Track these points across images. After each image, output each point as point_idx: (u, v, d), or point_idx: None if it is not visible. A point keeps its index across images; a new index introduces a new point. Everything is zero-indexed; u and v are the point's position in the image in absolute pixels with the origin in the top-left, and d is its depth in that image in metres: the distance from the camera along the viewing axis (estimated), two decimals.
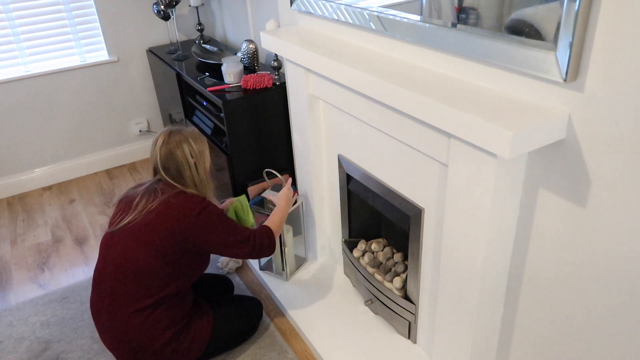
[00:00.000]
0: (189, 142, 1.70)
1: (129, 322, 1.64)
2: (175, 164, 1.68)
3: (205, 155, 1.75)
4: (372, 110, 1.60)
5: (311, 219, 2.29)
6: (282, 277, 2.27)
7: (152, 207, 1.63)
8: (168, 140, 1.69)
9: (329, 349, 1.91)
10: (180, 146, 1.68)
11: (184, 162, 1.68)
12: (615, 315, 1.16)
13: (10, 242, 2.78)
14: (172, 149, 1.68)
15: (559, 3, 1.00)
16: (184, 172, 1.69)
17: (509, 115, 1.10)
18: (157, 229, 1.61)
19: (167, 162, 1.68)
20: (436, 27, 1.31)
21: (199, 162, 1.71)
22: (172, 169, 1.69)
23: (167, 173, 1.69)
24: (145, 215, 1.63)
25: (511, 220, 1.31)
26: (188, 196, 1.66)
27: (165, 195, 1.65)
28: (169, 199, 1.64)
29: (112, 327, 1.66)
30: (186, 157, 1.68)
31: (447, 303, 1.54)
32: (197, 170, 1.71)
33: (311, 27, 1.94)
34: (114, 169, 3.50)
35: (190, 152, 1.69)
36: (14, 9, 2.90)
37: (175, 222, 1.61)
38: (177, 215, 1.61)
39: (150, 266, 1.62)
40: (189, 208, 1.63)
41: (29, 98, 3.09)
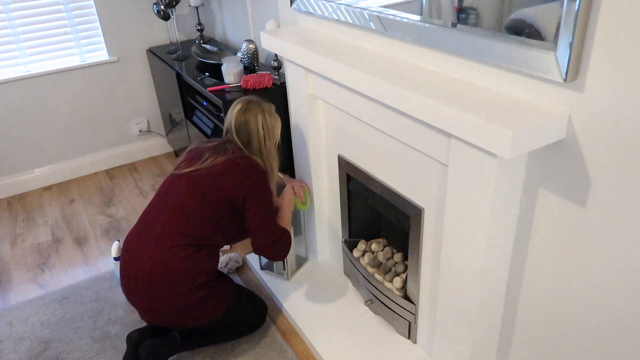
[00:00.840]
0: (264, 115, 1.82)
1: (173, 254, 1.71)
2: (247, 131, 1.80)
3: (275, 131, 1.86)
4: (372, 110, 1.60)
5: (311, 219, 2.29)
6: (283, 277, 2.27)
7: (219, 162, 1.76)
8: (246, 107, 1.81)
9: (329, 349, 1.91)
10: (256, 117, 1.81)
11: (255, 131, 1.80)
12: (615, 315, 1.16)
13: (10, 242, 2.78)
14: (248, 118, 1.80)
15: (559, 3, 1.00)
16: (253, 140, 1.81)
17: (509, 115, 1.10)
18: (217, 182, 1.73)
19: (240, 127, 1.81)
20: (436, 27, 1.31)
21: (268, 136, 1.83)
22: (243, 134, 1.81)
23: (238, 136, 1.81)
24: (211, 167, 1.76)
25: (511, 220, 1.31)
26: (254, 162, 1.79)
27: (233, 155, 1.78)
28: (236, 159, 1.77)
29: (153, 256, 1.71)
30: (258, 127, 1.80)
31: (447, 303, 1.54)
32: (264, 142, 1.83)
33: (311, 27, 1.94)
34: (114, 169, 3.50)
35: (263, 125, 1.81)
36: (14, 9, 2.90)
37: (234, 179, 1.73)
38: (238, 175, 1.74)
39: (202, 214, 1.73)
40: (250, 171, 1.75)
41: (29, 98, 3.09)
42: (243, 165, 1.76)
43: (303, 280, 2.26)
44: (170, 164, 3.50)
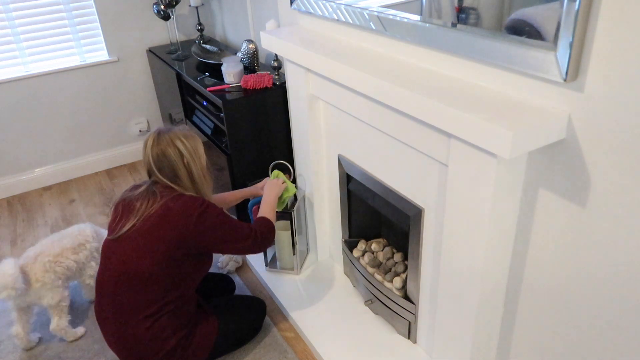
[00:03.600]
0: (180, 140, 1.65)
1: (134, 331, 1.63)
2: (169, 163, 1.64)
3: (199, 151, 1.70)
4: (372, 110, 1.60)
5: (311, 219, 2.29)
6: (292, 272, 2.29)
7: (152, 212, 1.60)
8: (158, 140, 1.64)
9: (329, 349, 1.91)
10: (172, 144, 1.64)
11: (177, 160, 1.64)
12: (615, 315, 1.16)
13: (11, 242, 2.78)
14: (163, 149, 1.63)
15: (559, 3, 1.00)
16: (179, 171, 1.65)
17: (509, 115, 1.10)
18: (157, 235, 1.58)
19: (161, 162, 1.64)
20: (436, 27, 1.31)
21: (193, 159, 1.67)
22: (167, 169, 1.65)
23: (162, 173, 1.65)
24: (145, 220, 1.60)
25: (511, 220, 1.31)
26: (187, 198, 1.62)
27: (165, 199, 1.61)
28: (168, 203, 1.60)
29: (117, 334, 1.66)
30: (179, 155, 1.64)
31: (447, 303, 1.54)
32: (191, 168, 1.67)
33: (311, 27, 1.94)
34: (114, 169, 3.50)
35: (183, 150, 1.65)
36: (14, 9, 2.90)
37: (175, 226, 1.58)
38: (177, 220, 1.58)
39: (152, 273, 1.60)
40: (188, 211, 1.59)
41: (29, 98, 3.09)
42: (177, 208, 1.59)
43: (303, 281, 2.26)
44: None
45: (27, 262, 1.93)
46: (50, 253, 1.96)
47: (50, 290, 1.93)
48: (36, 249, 1.97)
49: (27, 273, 1.90)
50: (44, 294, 1.93)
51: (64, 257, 1.98)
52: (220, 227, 1.65)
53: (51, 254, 1.96)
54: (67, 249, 2.00)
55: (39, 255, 1.94)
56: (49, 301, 1.94)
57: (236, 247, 1.72)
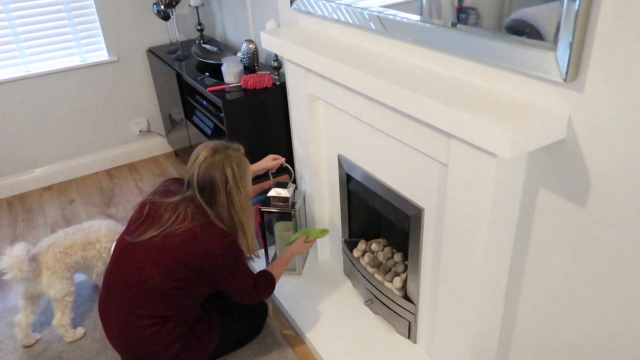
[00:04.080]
0: (232, 166, 1.59)
1: (138, 334, 1.63)
2: (212, 186, 1.58)
3: (245, 181, 1.64)
4: (372, 110, 1.60)
5: (311, 219, 2.29)
6: (294, 272, 2.29)
7: (177, 232, 1.56)
8: (211, 160, 1.58)
9: (329, 349, 1.91)
10: (222, 169, 1.58)
11: (221, 187, 1.58)
12: (615, 315, 1.16)
13: (11, 242, 2.78)
14: (212, 173, 1.58)
15: (559, 3, 1.00)
16: (218, 195, 1.59)
17: (509, 115, 1.10)
18: (176, 257, 1.56)
19: (204, 181, 1.58)
20: (436, 27, 1.31)
21: (237, 188, 1.61)
22: (207, 190, 1.59)
23: (202, 194, 1.60)
24: (168, 236, 1.57)
25: (511, 220, 1.31)
26: (216, 232, 1.58)
27: (194, 224, 1.57)
28: (196, 230, 1.56)
29: (121, 336, 1.66)
30: (225, 181, 1.59)
31: (447, 303, 1.54)
32: (234, 197, 1.61)
33: (311, 27, 1.94)
34: (114, 169, 3.49)
35: (230, 176, 1.59)
36: (14, 9, 2.90)
37: (196, 255, 1.56)
38: (200, 250, 1.56)
39: (162, 287, 1.59)
40: (213, 246, 1.56)
41: (29, 98, 3.09)
42: (205, 238, 1.56)
43: (303, 281, 2.26)
44: (170, 164, 3.50)
45: (40, 251, 1.98)
46: (61, 244, 2.01)
47: (60, 281, 1.97)
48: (50, 239, 2.03)
49: (40, 261, 1.96)
50: (52, 282, 1.96)
51: (73, 251, 2.03)
52: (231, 271, 1.64)
53: (62, 245, 2.01)
54: (77, 244, 2.05)
55: (51, 245, 2.00)
56: (56, 294, 1.97)
57: (233, 292, 1.71)
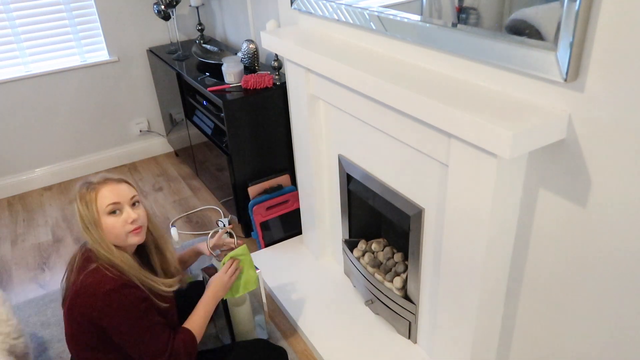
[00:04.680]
0: (78, 205, 1.42)
1: None
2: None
3: (98, 217, 1.40)
4: (372, 110, 1.60)
5: (311, 219, 2.29)
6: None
7: (68, 292, 1.42)
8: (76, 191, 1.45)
9: (329, 349, 1.91)
10: (76, 206, 1.43)
11: (81, 226, 1.40)
12: (615, 315, 1.16)
13: (11, 242, 2.78)
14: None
15: (559, 3, 1.00)
16: (84, 235, 1.42)
17: (509, 115, 1.10)
18: (74, 320, 1.39)
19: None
20: (436, 27, 1.31)
21: (88, 226, 1.40)
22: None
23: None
24: (66, 298, 1.43)
25: (511, 220, 1.31)
26: (95, 279, 1.35)
27: (79, 273, 1.40)
28: (77, 281, 1.38)
29: None
30: (80, 220, 1.41)
31: (447, 303, 1.54)
32: (92, 234, 1.39)
33: (311, 27, 1.94)
34: (114, 169, 3.50)
35: (79, 217, 1.41)
36: (14, 9, 2.90)
37: (83, 314, 1.36)
38: (83, 306, 1.35)
39: (91, 358, 1.43)
40: (91, 299, 1.34)
41: (29, 98, 3.09)
42: (85, 291, 1.35)
43: (303, 280, 2.26)
44: (170, 164, 3.51)
45: None
46: None
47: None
48: None
49: None
50: None
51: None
52: (125, 327, 1.36)
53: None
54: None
55: None
56: None
57: (142, 356, 1.41)
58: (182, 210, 2.96)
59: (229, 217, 2.81)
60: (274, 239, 2.53)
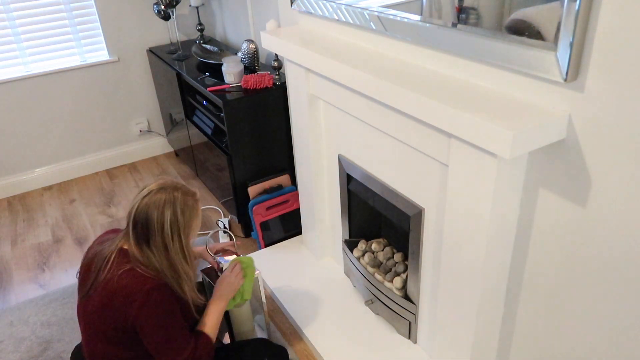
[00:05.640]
0: (174, 209, 1.38)
1: None
2: (146, 224, 1.37)
3: (190, 230, 1.43)
4: (372, 110, 1.60)
5: (311, 219, 2.29)
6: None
7: (98, 287, 1.40)
8: (155, 194, 1.38)
9: (329, 349, 1.91)
10: (162, 208, 1.37)
11: (157, 227, 1.37)
12: (615, 315, 1.16)
13: (11, 242, 2.78)
14: (151, 207, 1.36)
15: (559, 3, 1.00)
16: (153, 238, 1.38)
17: (509, 115, 1.10)
18: (102, 317, 1.39)
19: (139, 218, 1.37)
20: (436, 27, 1.31)
21: (177, 235, 1.39)
22: (140, 229, 1.38)
23: (134, 231, 1.39)
24: (93, 294, 1.41)
25: (511, 220, 1.31)
26: (134, 278, 1.36)
27: (112, 272, 1.38)
28: (113, 280, 1.37)
29: None
30: (162, 224, 1.37)
31: (447, 303, 1.54)
32: (167, 244, 1.38)
33: (311, 27, 1.94)
34: (114, 169, 3.50)
35: (171, 221, 1.37)
36: (14, 9, 2.90)
37: (117, 311, 1.36)
38: (119, 305, 1.36)
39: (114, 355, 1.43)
40: (130, 297, 1.35)
41: (29, 98, 3.09)
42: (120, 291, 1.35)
43: (303, 281, 2.26)
44: (170, 164, 3.51)
45: None
46: None
47: None
48: None
49: None
50: None
51: None
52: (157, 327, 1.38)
53: None
54: None
55: None
56: None
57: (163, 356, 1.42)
58: None
59: (229, 217, 2.81)
60: (274, 239, 2.53)
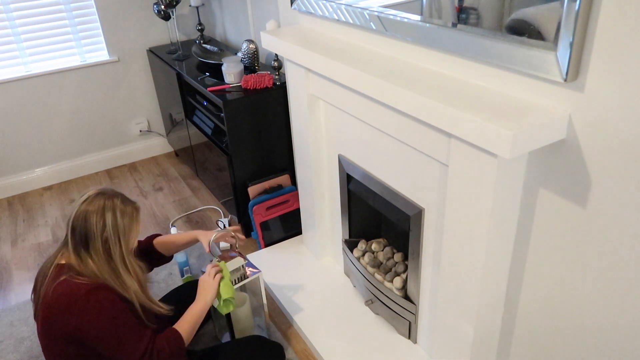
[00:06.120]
0: (115, 213, 1.38)
1: None
2: (85, 229, 1.35)
3: (128, 235, 1.41)
4: (372, 110, 1.60)
5: (311, 219, 2.29)
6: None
7: (39, 306, 1.38)
8: (93, 199, 1.37)
9: (329, 349, 1.91)
10: (102, 212, 1.36)
11: (97, 232, 1.35)
12: (615, 316, 1.16)
13: (11, 242, 2.78)
14: (89, 212, 1.35)
15: (560, 3, 1.00)
16: (92, 242, 1.36)
17: (509, 115, 1.10)
18: (50, 336, 1.36)
19: (77, 223, 1.36)
20: (436, 27, 1.31)
21: (114, 240, 1.38)
22: (78, 235, 1.36)
23: (72, 237, 1.37)
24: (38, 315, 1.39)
25: (511, 220, 1.31)
26: (69, 287, 1.33)
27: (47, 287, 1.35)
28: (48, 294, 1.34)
29: None
30: (104, 227, 1.36)
31: (447, 303, 1.54)
32: (109, 248, 1.38)
33: (311, 27, 1.94)
34: (114, 169, 3.50)
35: (112, 224, 1.37)
36: (14, 9, 2.90)
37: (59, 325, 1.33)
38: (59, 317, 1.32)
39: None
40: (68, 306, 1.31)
41: (29, 98, 3.09)
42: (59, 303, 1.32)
43: (303, 281, 2.26)
44: (170, 164, 3.51)
45: None
46: None
47: None
48: None
49: None
50: None
51: None
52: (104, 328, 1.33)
53: None
54: None
55: None
56: None
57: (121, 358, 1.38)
58: (182, 210, 2.96)
59: (229, 217, 2.81)
60: (274, 239, 2.53)
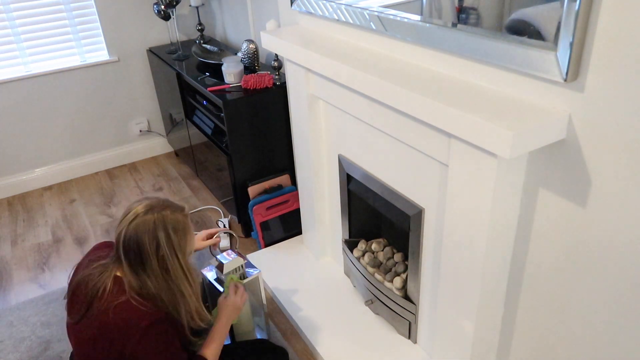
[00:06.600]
0: (166, 229, 1.32)
1: None
2: (139, 249, 1.31)
3: (184, 247, 1.37)
4: (372, 110, 1.60)
5: (311, 219, 2.29)
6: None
7: (92, 317, 1.33)
8: (142, 217, 1.31)
9: (329, 349, 1.91)
10: (153, 231, 1.31)
11: (151, 251, 1.31)
12: (615, 315, 1.16)
13: (11, 242, 2.78)
14: (140, 231, 1.30)
15: (560, 3, 1.00)
16: (148, 262, 1.32)
17: (509, 115, 1.10)
18: (97, 349, 1.34)
19: (130, 244, 1.31)
20: (436, 27, 1.31)
21: (171, 256, 1.33)
22: (133, 255, 1.32)
23: (127, 258, 1.32)
24: (87, 323, 1.35)
25: (511, 220, 1.31)
26: (131, 312, 1.30)
27: (107, 304, 1.31)
28: (108, 313, 1.30)
29: None
30: (157, 246, 1.31)
31: (447, 303, 1.54)
32: (166, 264, 1.33)
33: (311, 27, 1.94)
34: (114, 169, 3.50)
35: (165, 241, 1.32)
36: (14, 9, 2.90)
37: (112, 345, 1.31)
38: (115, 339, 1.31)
39: None
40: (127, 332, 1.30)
41: (29, 98, 3.09)
42: (119, 326, 1.30)
43: (303, 281, 2.26)
44: (170, 164, 3.51)
45: None
46: None
47: None
48: None
49: None
50: None
51: None
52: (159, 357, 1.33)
53: None
54: None
55: None
56: None
57: None
58: None
59: (229, 217, 2.81)
60: (274, 239, 2.53)
